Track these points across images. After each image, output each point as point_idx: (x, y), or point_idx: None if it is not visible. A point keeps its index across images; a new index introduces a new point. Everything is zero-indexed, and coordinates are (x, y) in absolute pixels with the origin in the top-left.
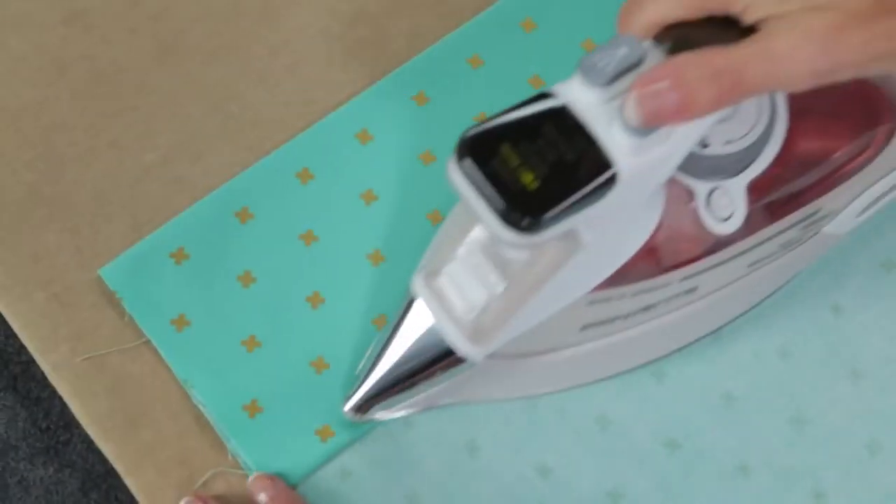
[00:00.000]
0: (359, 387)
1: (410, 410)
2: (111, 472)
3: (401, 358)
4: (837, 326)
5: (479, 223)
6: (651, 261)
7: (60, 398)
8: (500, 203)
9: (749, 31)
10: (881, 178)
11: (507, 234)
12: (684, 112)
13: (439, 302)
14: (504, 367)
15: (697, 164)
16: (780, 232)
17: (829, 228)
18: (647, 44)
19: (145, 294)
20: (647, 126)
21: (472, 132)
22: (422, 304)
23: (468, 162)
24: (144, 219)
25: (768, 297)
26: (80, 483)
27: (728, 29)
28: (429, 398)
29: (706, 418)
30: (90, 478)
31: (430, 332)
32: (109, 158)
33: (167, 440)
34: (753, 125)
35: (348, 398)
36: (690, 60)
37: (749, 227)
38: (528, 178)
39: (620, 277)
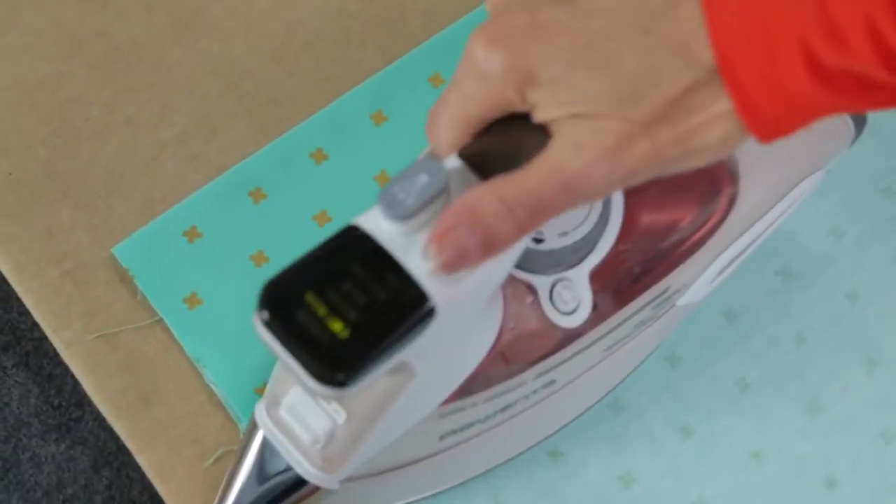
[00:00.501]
0: None
1: None
2: (123, 450)
3: (253, 489)
4: (853, 314)
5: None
6: (500, 365)
7: (73, 375)
8: (310, 361)
9: (542, 129)
10: (729, 245)
11: (324, 390)
12: (489, 250)
13: (284, 433)
14: (366, 485)
15: (535, 260)
16: (632, 315)
17: (684, 300)
18: (452, 161)
19: (158, 272)
20: (456, 271)
21: (274, 281)
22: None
23: (271, 318)
24: (158, 197)
25: (633, 370)
26: (92, 460)
27: (525, 135)
28: None
29: (720, 404)
30: (102, 455)
31: (280, 461)
32: (125, 136)
33: (179, 418)
34: (588, 213)
35: None
36: (483, 198)
37: (598, 316)
38: (338, 327)
39: (470, 386)
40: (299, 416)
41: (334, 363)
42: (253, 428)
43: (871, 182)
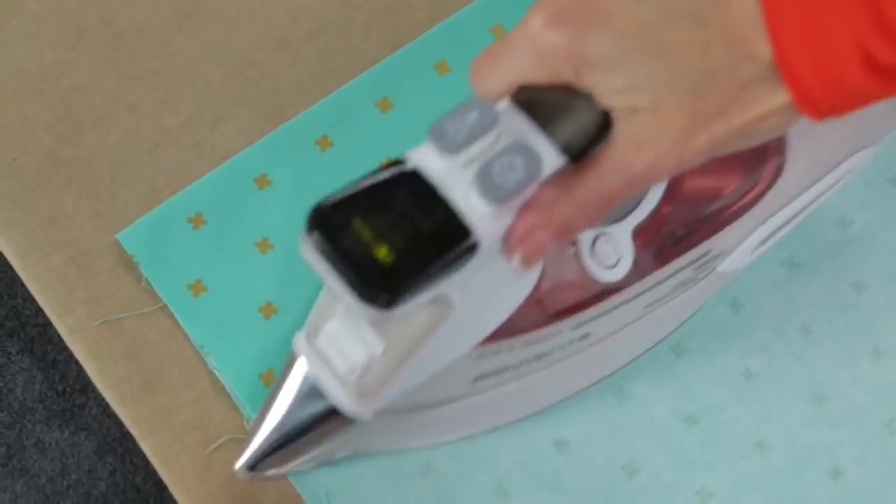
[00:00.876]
0: (248, 446)
1: (306, 467)
2: (127, 436)
3: (287, 417)
4: (859, 304)
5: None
6: (538, 311)
7: (77, 361)
8: (355, 280)
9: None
10: (773, 214)
11: (366, 310)
12: (562, 239)
13: (322, 361)
14: (397, 421)
15: None
16: (672, 275)
17: (725, 266)
18: (502, 104)
19: (162, 259)
20: (535, 263)
21: (322, 205)
22: (304, 362)
23: (319, 237)
24: (162, 183)
25: (670, 334)
26: (96, 447)
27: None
28: (323, 454)
29: (725, 394)
30: (106, 441)
31: (316, 390)
32: (129, 123)
33: (183, 405)
34: None
35: (239, 457)
36: (557, 199)
37: (638, 272)
38: (383, 252)
39: (508, 329)
40: (338, 345)
41: (378, 285)
42: (291, 359)
43: (878, 171)
